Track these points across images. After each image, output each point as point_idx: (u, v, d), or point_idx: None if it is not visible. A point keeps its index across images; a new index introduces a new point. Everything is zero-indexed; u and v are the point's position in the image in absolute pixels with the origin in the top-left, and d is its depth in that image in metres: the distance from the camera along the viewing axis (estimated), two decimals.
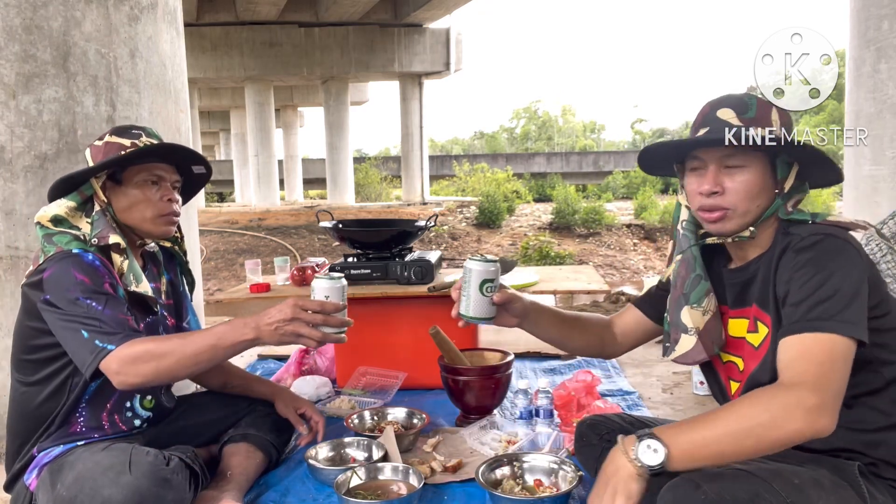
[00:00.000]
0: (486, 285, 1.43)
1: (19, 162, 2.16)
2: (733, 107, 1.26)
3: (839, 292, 1.12)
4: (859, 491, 1.14)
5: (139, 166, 1.62)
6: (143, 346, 1.42)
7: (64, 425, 1.56)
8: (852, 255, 1.17)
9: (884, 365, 1.20)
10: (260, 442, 1.82)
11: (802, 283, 1.16)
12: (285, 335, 1.41)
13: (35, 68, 2.16)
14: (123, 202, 1.62)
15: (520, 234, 14.82)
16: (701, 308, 1.35)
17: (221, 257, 12.80)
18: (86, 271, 1.49)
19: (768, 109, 1.26)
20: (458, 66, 18.92)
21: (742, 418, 1.07)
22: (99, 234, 1.55)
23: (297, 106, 26.18)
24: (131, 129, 1.66)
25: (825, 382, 1.07)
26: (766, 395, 1.10)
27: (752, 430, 1.06)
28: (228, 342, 1.44)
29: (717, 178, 1.25)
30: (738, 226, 1.27)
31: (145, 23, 2.46)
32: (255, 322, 1.43)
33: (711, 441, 1.08)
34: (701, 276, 1.36)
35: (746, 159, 1.24)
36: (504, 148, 51.75)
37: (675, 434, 1.10)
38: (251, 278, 2.82)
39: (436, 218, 2.94)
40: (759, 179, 1.25)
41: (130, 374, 1.41)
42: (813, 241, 1.18)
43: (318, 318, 1.43)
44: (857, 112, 3.60)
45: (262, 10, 16.40)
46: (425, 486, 1.72)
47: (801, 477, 1.11)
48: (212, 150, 36.44)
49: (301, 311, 1.42)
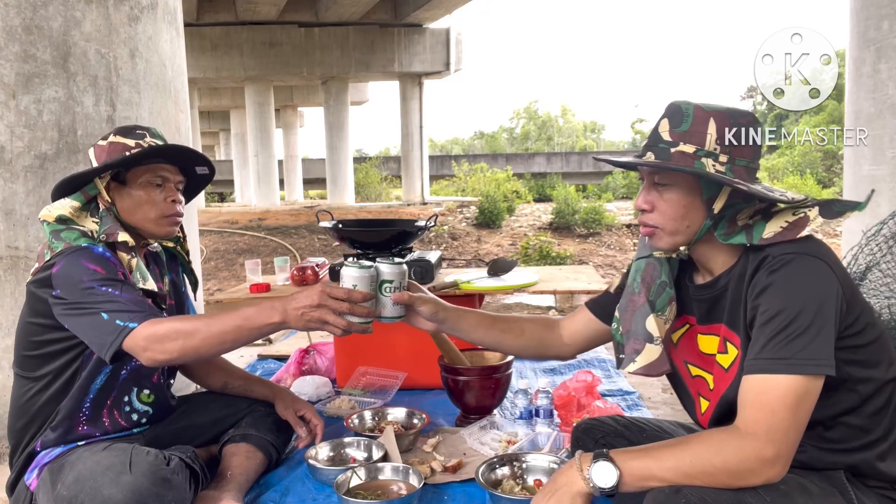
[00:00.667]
0: (385, 286, 1.47)
1: (19, 162, 2.16)
2: (670, 118, 1.22)
3: (804, 326, 1.07)
4: (848, 497, 1.14)
5: (144, 167, 1.62)
6: (169, 325, 1.43)
7: (66, 421, 1.56)
8: (824, 276, 1.11)
9: (859, 382, 1.16)
10: (260, 442, 1.82)
11: (765, 311, 1.11)
12: (311, 321, 1.40)
13: (35, 68, 2.16)
14: (128, 203, 1.62)
15: (520, 234, 14.82)
16: (664, 316, 1.32)
17: (221, 257, 12.80)
18: (98, 262, 1.49)
19: (704, 122, 1.18)
20: (458, 66, 18.90)
21: (696, 456, 1.08)
22: (107, 230, 1.56)
23: (297, 106, 26.16)
24: (136, 130, 1.66)
25: (781, 433, 1.06)
26: (721, 438, 1.10)
27: (704, 470, 1.07)
28: (255, 324, 1.43)
29: (649, 196, 1.24)
30: (669, 245, 1.25)
31: (145, 23, 2.47)
32: (283, 305, 1.42)
33: (662, 472, 1.10)
34: (666, 282, 1.32)
35: (672, 178, 1.20)
36: (504, 148, 51.75)
37: (629, 459, 1.12)
38: (251, 278, 2.82)
39: (436, 218, 2.94)
40: (684, 199, 1.20)
41: (157, 351, 1.41)
42: (783, 261, 1.12)
43: (345, 306, 1.40)
44: (857, 112, 3.60)
45: (262, 10, 16.39)
46: (425, 486, 1.72)
47: (789, 483, 1.10)
48: (212, 150, 36.42)
49: (328, 298, 1.40)
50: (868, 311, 1.19)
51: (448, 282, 2.54)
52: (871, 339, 1.17)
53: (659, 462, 1.11)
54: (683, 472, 1.08)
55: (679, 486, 1.07)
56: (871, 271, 2.62)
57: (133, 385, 1.65)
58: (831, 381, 1.11)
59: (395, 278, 1.49)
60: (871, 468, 1.18)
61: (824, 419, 1.17)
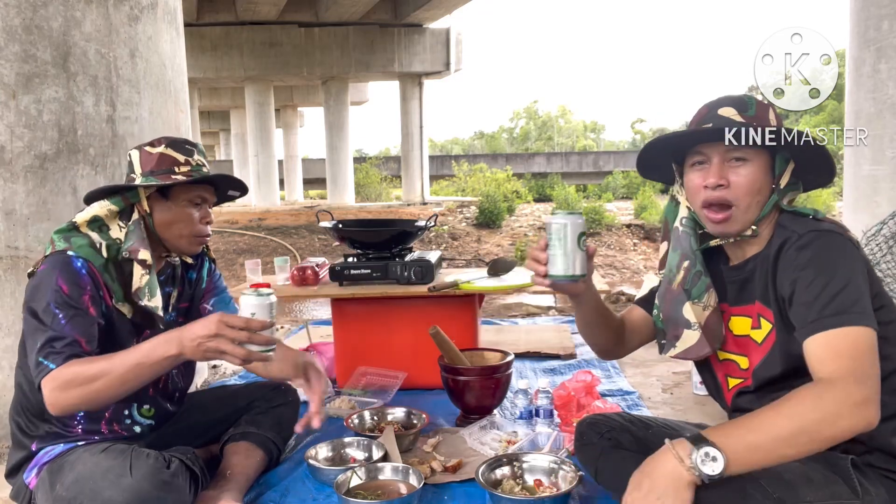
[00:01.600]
0: (582, 238, 1.30)
1: (19, 162, 2.16)
2: (734, 105, 1.29)
3: (848, 286, 1.14)
4: (851, 485, 1.15)
5: (188, 186, 1.63)
6: (75, 369, 1.38)
7: (62, 427, 1.57)
8: (851, 251, 1.19)
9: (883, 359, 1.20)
10: (260, 440, 1.83)
11: (810, 282, 1.16)
12: (208, 351, 1.36)
13: (35, 68, 2.16)
14: (166, 217, 1.63)
15: (520, 234, 14.82)
16: (702, 303, 1.36)
17: (221, 257, 12.79)
18: (68, 279, 1.47)
19: (766, 110, 1.29)
20: (458, 66, 18.90)
21: (794, 418, 1.06)
22: (130, 247, 1.56)
23: (297, 106, 26.16)
24: (185, 144, 1.66)
25: (865, 375, 1.08)
26: (813, 393, 1.08)
27: (805, 430, 1.05)
28: (153, 359, 1.38)
29: (722, 172, 1.27)
30: (742, 225, 1.29)
31: (145, 23, 2.47)
32: (179, 337, 1.38)
33: (768, 445, 1.05)
34: (701, 271, 1.37)
35: (750, 153, 1.26)
36: (504, 148, 51.76)
37: (730, 439, 1.06)
38: (251, 278, 2.82)
39: (436, 218, 2.94)
40: (760, 174, 1.27)
41: (60, 400, 1.38)
42: (811, 238, 1.20)
43: (243, 335, 1.36)
44: (857, 112, 3.60)
45: (262, 10, 16.39)
46: (425, 486, 1.72)
47: (792, 472, 1.12)
48: (212, 150, 36.41)
49: (225, 327, 1.36)
50: (884, 295, 1.24)
51: (448, 282, 2.54)
52: (889, 318, 1.22)
53: (756, 433, 1.06)
54: (784, 438, 1.04)
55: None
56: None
57: (132, 401, 1.64)
58: None
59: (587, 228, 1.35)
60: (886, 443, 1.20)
61: None
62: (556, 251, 1.29)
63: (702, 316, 1.36)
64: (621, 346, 1.58)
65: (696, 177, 1.31)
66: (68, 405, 1.40)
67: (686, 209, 1.39)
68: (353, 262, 2.65)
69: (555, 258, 1.29)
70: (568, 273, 1.29)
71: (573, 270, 1.29)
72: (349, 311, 2.70)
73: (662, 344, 1.45)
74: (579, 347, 3.33)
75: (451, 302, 2.60)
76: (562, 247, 1.29)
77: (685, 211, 1.39)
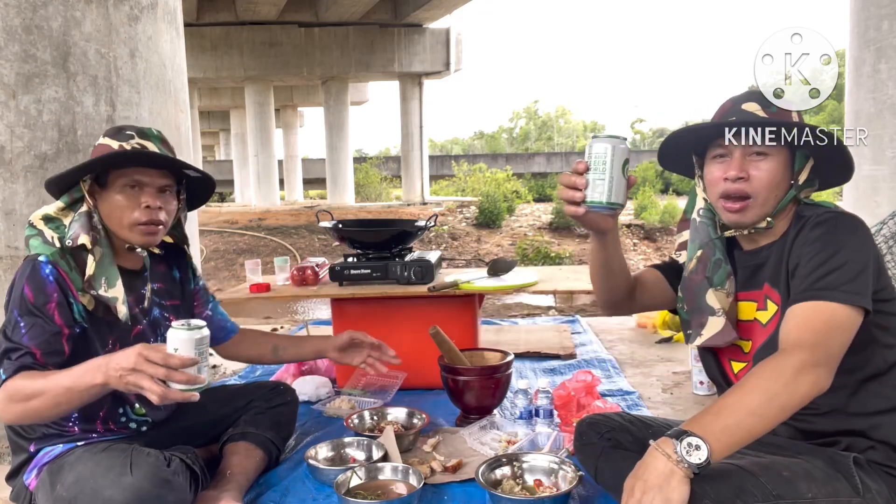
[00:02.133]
0: (626, 165, 1.24)
1: (19, 162, 2.16)
2: (758, 101, 1.32)
3: (847, 264, 1.16)
4: (853, 482, 1.15)
5: (121, 171, 1.57)
6: (18, 384, 1.37)
7: (57, 428, 1.56)
8: (864, 234, 1.22)
9: (887, 348, 1.23)
10: (259, 440, 1.83)
11: (812, 256, 1.20)
12: (129, 385, 1.30)
13: (35, 68, 2.16)
14: (106, 207, 1.58)
15: (520, 234, 14.82)
16: (724, 290, 1.38)
17: (221, 257, 12.79)
18: (34, 286, 1.47)
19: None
20: (458, 66, 18.90)
21: (758, 391, 1.08)
22: (72, 234, 1.54)
23: (297, 106, 26.17)
24: (125, 130, 1.62)
25: (821, 344, 1.11)
26: (770, 364, 1.12)
27: (770, 399, 1.08)
28: (82, 385, 1.34)
29: (743, 165, 1.29)
30: (757, 216, 1.31)
31: (145, 23, 2.47)
32: (106, 366, 1.32)
33: (742, 423, 1.07)
34: (721, 259, 1.39)
35: (770, 148, 1.28)
36: (504, 148, 51.74)
37: (707, 426, 1.07)
38: (251, 278, 2.82)
39: (436, 218, 2.94)
40: (780, 169, 1.29)
41: (5, 413, 1.38)
42: (827, 217, 1.24)
43: (161, 371, 1.27)
44: (857, 112, 3.60)
45: (262, 10, 16.39)
46: (425, 486, 1.72)
47: (792, 469, 1.12)
48: (212, 150, 36.43)
49: (144, 362, 1.27)
50: (892, 287, 1.26)
51: (448, 282, 2.54)
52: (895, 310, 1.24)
53: (734, 415, 1.08)
54: (754, 412, 1.07)
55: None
56: None
57: (125, 401, 1.64)
58: (861, 340, 1.18)
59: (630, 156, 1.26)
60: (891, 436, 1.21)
61: (851, 382, 1.23)
62: (598, 176, 1.22)
63: (725, 302, 1.37)
64: (632, 301, 1.56)
65: (716, 169, 1.33)
66: (13, 419, 1.40)
67: (703, 200, 1.41)
68: (353, 262, 2.65)
69: (596, 183, 1.22)
70: (611, 200, 1.23)
71: (616, 198, 1.23)
72: (349, 311, 2.70)
73: (689, 334, 1.46)
74: (579, 347, 3.33)
75: (451, 302, 2.60)
76: (605, 172, 1.22)
77: (702, 202, 1.42)
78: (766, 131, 1.26)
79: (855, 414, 1.24)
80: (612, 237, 1.41)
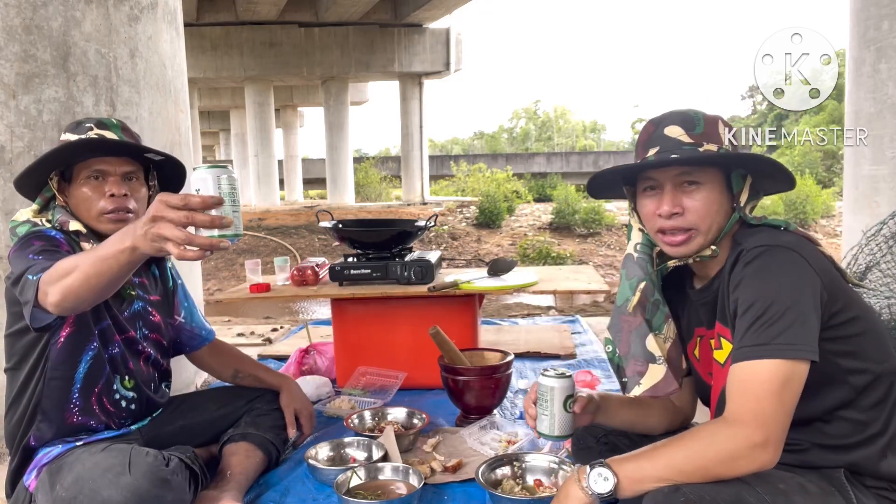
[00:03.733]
0: (569, 401, 1.32)
1: (19, 162, 2.16)
2: (681, 124, 1.23)
3: (780, 312, 1.08)
4: (847, 497, 1.14)
5: (83, 163, 1.58)
6: (55, 266, 1.32)
7: (57, 412, 1.57)
8: (798, 267, 1.12)
9: (851, 374, 1.17)
10: (259, 441, 1.83)
11: (743, 302, 1.13)
12: (154, 239, 1.13)
13: (35, 68, 2.16)
14: (74, 200, 1.60)
15: (520, 234, 14.82)
16: (663, 335, 1.33)
17: (221, 257, 12.79)
18: (44, 239, 1.49)
19: (715, 125, 1.24)
20: (458, 66, 18.91)
21: (688, 451, 1.09)
22: (59, 220, 1.56)
23: (297, 106, 26.16)
24: (84, 123, 1.62)
25: (768, 417, 1.06)
26: (711, 430, 1.11)
27: (698, 464, 1.08)
28: (112, 252, 1.22)
29: (676, 199, 1.22)
30: (700, 245, 1.24)
31: (145, 23, 2.47)
32: (133, 228, 1.19)
33: (658, 471, 1.10)
34: (659, 300, 1.33)
35: (702, 175, 1.21)
36: (504, 148, 51.76)
37: (627, 464, 1.13)
38: (251, 278, 2.81)
39: (436, 218, 2.94)
40: (716, 194, 1.22)
41: (49, 297, 1.31)
42: (756, 253, 1.14)
43: (181, 215, 1.09)
44: (857, 112, 3.60)
45: (262, 10, 16.39)
46: (425, 486, 1.72)
47: (788, 482, 1.11)
48: (212, 150, 36.41)
49: (165, 208, 1.11)
50: (856, 304, 1.19)
51: (448, 282, 2.54)
52: (859, 330, 1.17)
53: (652, 462, 1.12)
54: (678, 469, 1.08)
55: (678, 486, 1.07)
56: (871, 271, 2.62)
57: (115, 372, 1.64)
58: (822, 373, 1.13)
59: (574, 390, 1.34)
60: (874, 466, 1.17)
61: (822, 413, 1.18)
62: (543, 411, 1.33)
63: (664, 348, 1.32)
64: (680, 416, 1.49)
65: (649, 203, 1.26)
66: (54, 301, 1.31)
67: (640, 233, 1.34)
68: (353, 262, 2.65)
69: (542, 417, 1.33)
70: (553, 434, 1.33)
71: (560, 432, 1.33)
72: (349, 311, 2.70)
73: (624, 382, 1.38)
74: (579, 347, 3.33)
75: (451, 302, 2.60)
76: (548, 408, 1.32)
77: (639, 235, 1.34)
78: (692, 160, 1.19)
79: (833, 447, 1.19)
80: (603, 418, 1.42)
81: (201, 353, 1.98)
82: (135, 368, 1.69)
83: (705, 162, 1.21)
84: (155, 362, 1.77)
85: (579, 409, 1.33)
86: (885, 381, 1.18)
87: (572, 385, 1.33)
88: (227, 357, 2.02)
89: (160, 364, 1.81)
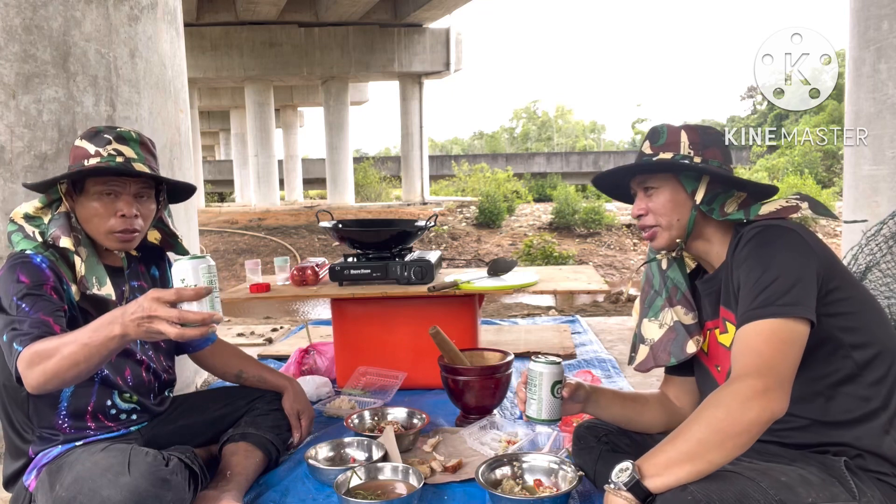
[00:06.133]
0: (557, 386, 1.41)
1: (19, 162, 2.16)
2: (649, 137, 1.42)
3: (779, 277, 1.16)
4: (848, 487, 1.15)
5: (99, 178, 1.57)
6: (36, 347, 1.34)
7: (48, 429, 1.57)
8: (793, 240, 1.21)
9: (854, 349, 1.21)
10: (259, 441, 1.82)
11: (746, 276, 1.21)
12: (149, 332, 1.26)
13: (35, 68, 2.16)
14: (83, 212, 1.59)
15: (520, 234, 14.82)
16: (658, 321, 1.47)
17: (221, 257, 12.80)
18: (29, 273, 1.47)
19: (677, 134, 1.38)
20: (458, 66, 18.92)
21: (703, 421, 1.11)
22: (52, 233, 1.54)
23: (297, 106, 26.18)
24: (102, 133, 1.60)
25: (769, 366, 1.11)
26: (716, 394, 1.13)
27: (718, 429, 1.09)
28: (99, 339, 1.30)
29: (642, 202, 1.41)
30: (666, 240, 1.39)
31: (145, 23, 2.47)
32: (122, 317, 1.28)
33: (679, 449, 1.11)
34: (657, 291, 1.48)
35: (657, 181, 1.38)
36: (504, 148, 51.76)
37: (652, 457, 1.13)
38: (251, 278, 2.82)
39: (436, 218, 2.94)
40: (671, 196, 1.37)
41: (29, 379, 1.34)
42: (752, 233, 1.24)
43: (174, 314, 1.23)
44: (857, 112, 3.60)
45: (262, 10, 16.40)
46: (425, 486, 1.72)
47: (790, 475, 1.13)
48: (212, 150, 36.42)
49: (158, 306, 1.23)
50: (853, 286, 1.25)
51: (448, 282, 2.54)
52: (858, 307, 1.23)
53: (672, 442, 1.12)
54: (697, 439, 1.10)
55: (685, 485, 1.08)
56: (871, 271, 2.62)
57: (111, 388, 1.63)
58: (825, 347, 1.19)
59: (563, 376, 1.43)
60: (877, 445, 1.19)
61: (824, 389, 1.22)
62: (532, 395, 1.41)
63: (657, 333, 1.46)
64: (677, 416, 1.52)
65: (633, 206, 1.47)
66: (35, 384, 1.34)
67: None
68: (353, 262, 2.65)
69: (531, 401, 1.42)
70: (540, 417, 1.41)
71: (544, 415, 1.41)
72: (349, 311, 2.70)
73: (632, 357, 1.56)
74: (579, 347, 3.33)
75: (451, 302, 2.60)
76: (537, 392, 1.41)
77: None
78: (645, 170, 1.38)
79: (836, 423, 1.21)
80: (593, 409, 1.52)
81: (204, 353, 1.98)
82: (134, 380, 1.68)
83: (652, 169, 1.38)
84: (156, 371, 1.76)
85: (567, 394, 1.42)
86: (886, 357, 1.22)
87: (561, 371, 1.42)
88: (230, 357, 2.02)
89: (161, 373, 1.78)
